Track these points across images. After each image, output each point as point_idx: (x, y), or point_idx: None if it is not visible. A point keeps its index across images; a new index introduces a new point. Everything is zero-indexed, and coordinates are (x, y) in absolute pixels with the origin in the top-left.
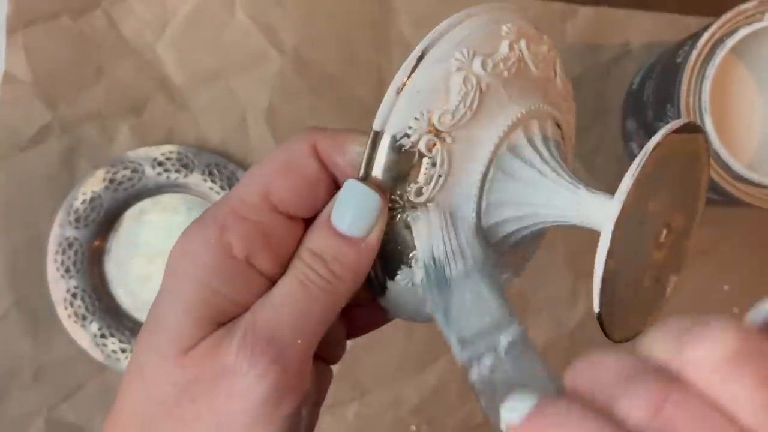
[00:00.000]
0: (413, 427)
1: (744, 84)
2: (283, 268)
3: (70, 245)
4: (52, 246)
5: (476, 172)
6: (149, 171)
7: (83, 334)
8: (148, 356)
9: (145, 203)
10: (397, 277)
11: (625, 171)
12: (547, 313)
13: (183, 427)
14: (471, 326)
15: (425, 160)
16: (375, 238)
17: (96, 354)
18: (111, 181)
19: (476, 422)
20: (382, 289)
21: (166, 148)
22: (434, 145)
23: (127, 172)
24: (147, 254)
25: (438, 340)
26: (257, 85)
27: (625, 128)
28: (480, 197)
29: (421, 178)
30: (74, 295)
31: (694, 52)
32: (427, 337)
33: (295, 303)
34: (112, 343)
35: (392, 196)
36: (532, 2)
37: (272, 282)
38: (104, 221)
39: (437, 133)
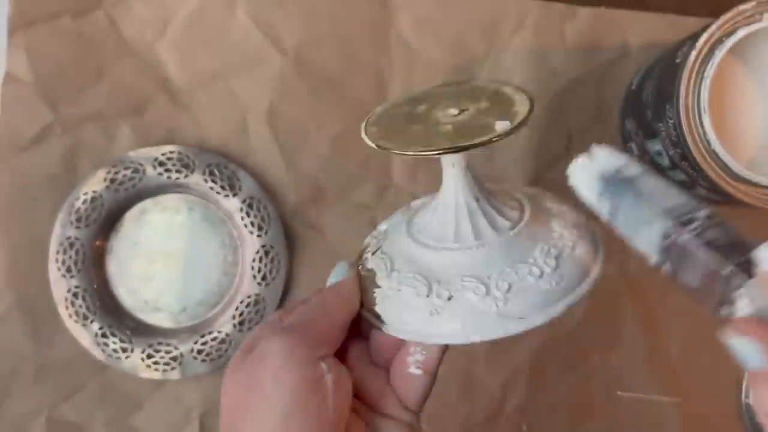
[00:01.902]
0: None
1: (743, 84)
2: None
3: (72, 245)
4: (53, 246)
5: None
6: (150, 171)
7: (84, 334)
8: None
9: (146, 203)
10: (376, 295)
11: None
12: None
13: (239, 402)
14: (670, 198)
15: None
16: (348, 277)
17: (97, 353)
18: (112, 181)
19: (476, 421)
20: (377, 317)
21: (167, 148)
22: None
23: (128, 172)
24: (148, 254)
25: None
26: (258, 85)
27: (624, 128)
28: None
29: None
30: (75, 295)
31: (693, 53)
32: None
33: (303, 311)
34: (113, 343)
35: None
36: (532, 3)
37: None
38: (105, 221)
39: None
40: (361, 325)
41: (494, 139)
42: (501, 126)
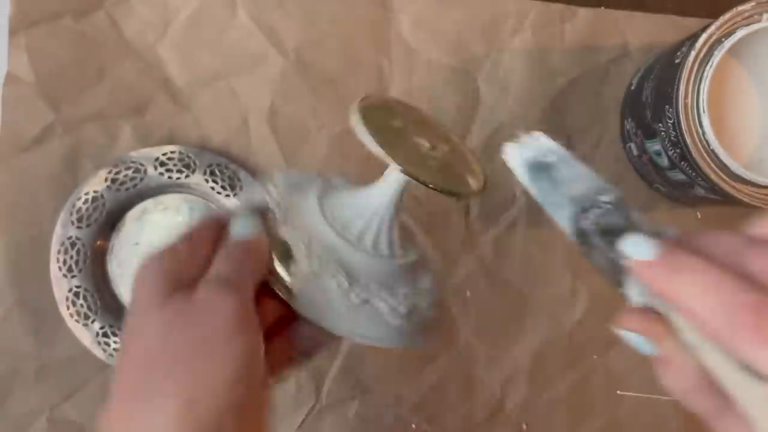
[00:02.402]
0: (413, 426)
1: (742, 84)
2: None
3: (73, 245)
4: (54, 245)
5: None
6: (151, 171)
7: (85, 333)
8: (137, 319)
9: (147, 203)
10: (292, 270)
11: (625, 170)
12: (546, 313)
13: (177, 354)
14: (581, 185)
15: None
16: (259, 239)
17: (98, 353)
18: (113, 181)
19: (476, 421)
20: (288, 291)
21: (168, 149)
22: None
23: (129, 172)
24: (149, 254)
25: None
26: (259, 85)
27: (623, 128)
28: None
29: None
30: (77, 295)
31: (693, 53)
32: None
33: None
34: (114, 342)
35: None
36: (532, 3)
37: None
38: (106, 221)
39: None
40: None
41: (472, 194)
42: (475, 185)
